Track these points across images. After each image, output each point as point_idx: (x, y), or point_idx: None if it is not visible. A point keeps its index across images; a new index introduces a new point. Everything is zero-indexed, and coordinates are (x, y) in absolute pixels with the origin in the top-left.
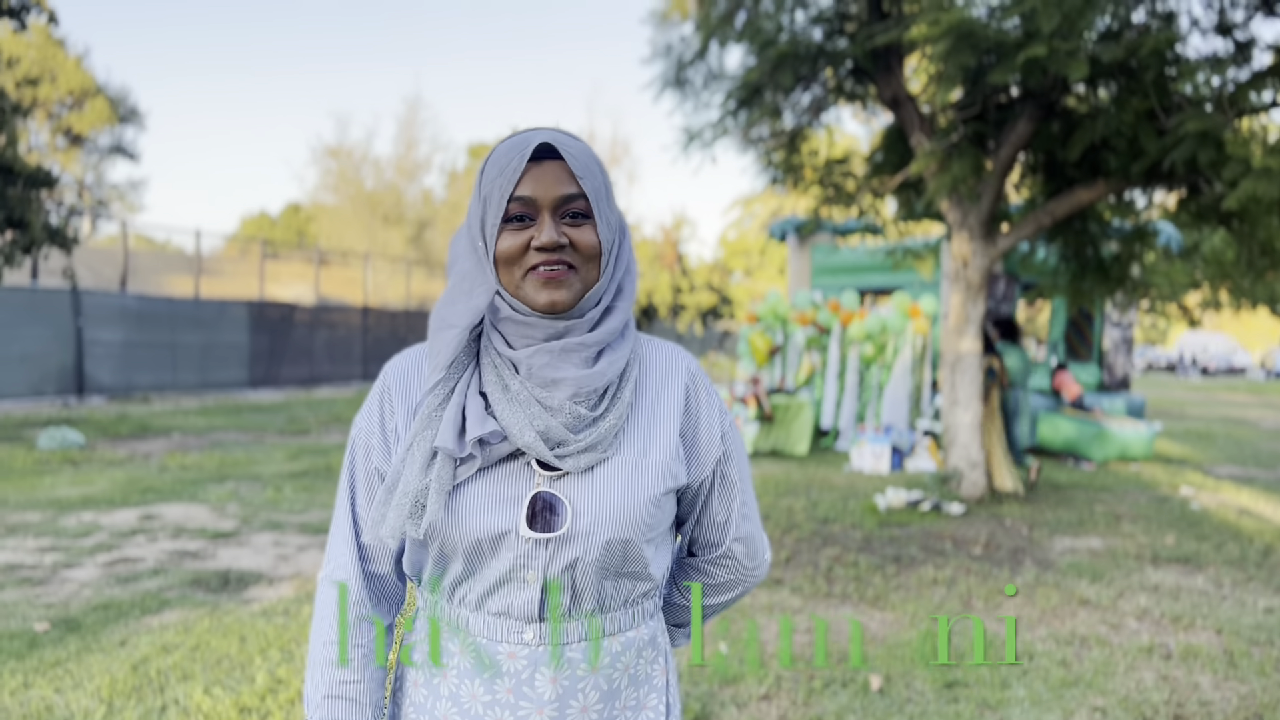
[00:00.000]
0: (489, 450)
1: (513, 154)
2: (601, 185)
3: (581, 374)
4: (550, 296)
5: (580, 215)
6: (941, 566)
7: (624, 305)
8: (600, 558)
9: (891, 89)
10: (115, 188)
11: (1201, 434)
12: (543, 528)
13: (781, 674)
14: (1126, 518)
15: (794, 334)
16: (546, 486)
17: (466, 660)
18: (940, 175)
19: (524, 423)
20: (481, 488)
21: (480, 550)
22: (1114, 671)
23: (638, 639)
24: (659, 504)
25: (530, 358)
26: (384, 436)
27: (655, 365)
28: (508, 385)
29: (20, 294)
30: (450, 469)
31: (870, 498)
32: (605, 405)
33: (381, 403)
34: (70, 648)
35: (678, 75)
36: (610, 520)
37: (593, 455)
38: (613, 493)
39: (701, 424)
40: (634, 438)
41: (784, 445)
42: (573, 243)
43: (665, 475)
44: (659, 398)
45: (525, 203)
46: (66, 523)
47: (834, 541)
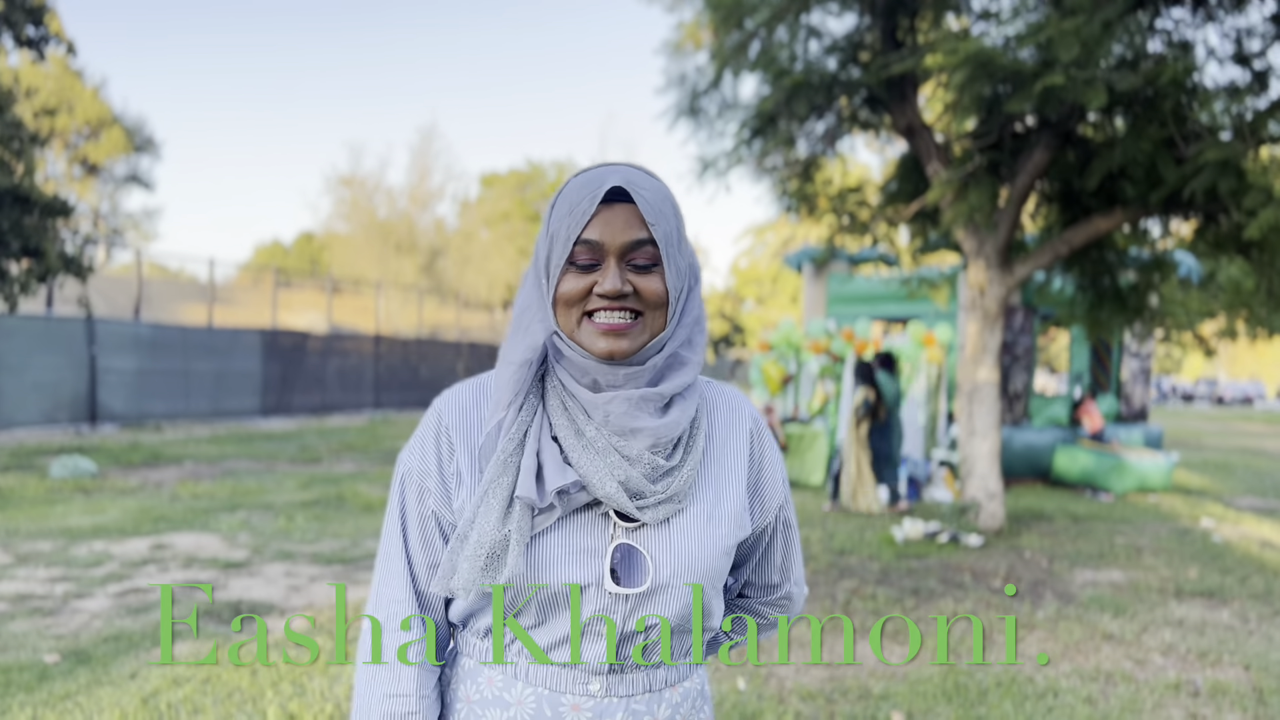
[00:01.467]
0: (567, 500)
1: (584, 194)
2: (674, 230)
3: (659, 423)
4: (609, 346)
5: (648, 263)
6: (961, 600)
7: (694, 358)
8: (679, 610)
9: (906, 118)
10: (130, 216)
11: (1220, 465)
12: (624, 581)
13: (801, 709)
14: (1148, 550)
15: (807, 362)
16: (624, 538)
17: (525, 712)
18: (957, 204)
19: (605, 473)
20: (560, 539)
21: (557, 603)
22: (1141, 709)
23: (693, 688)
24: (730, 553)
25: (608, 404)
26: (442, 479)
27: (721, 412)
28: (582, 430)
29: (35, 322)
30: (529, 518)
31: (887, 529)
32: (680, 455)
33: (439, 441)
34: (80, 680)
35: (692, 104)
36: (688, 572)
37: (671, 506)
38: (689, 544)
39: (765, 471)
40: (706, 488)
41: (799, 475)
42: (638, 291)
43: (737, 525)
44: (725, 446)
45: (591, 247)
46: (78, 552)
47: (852, 574)
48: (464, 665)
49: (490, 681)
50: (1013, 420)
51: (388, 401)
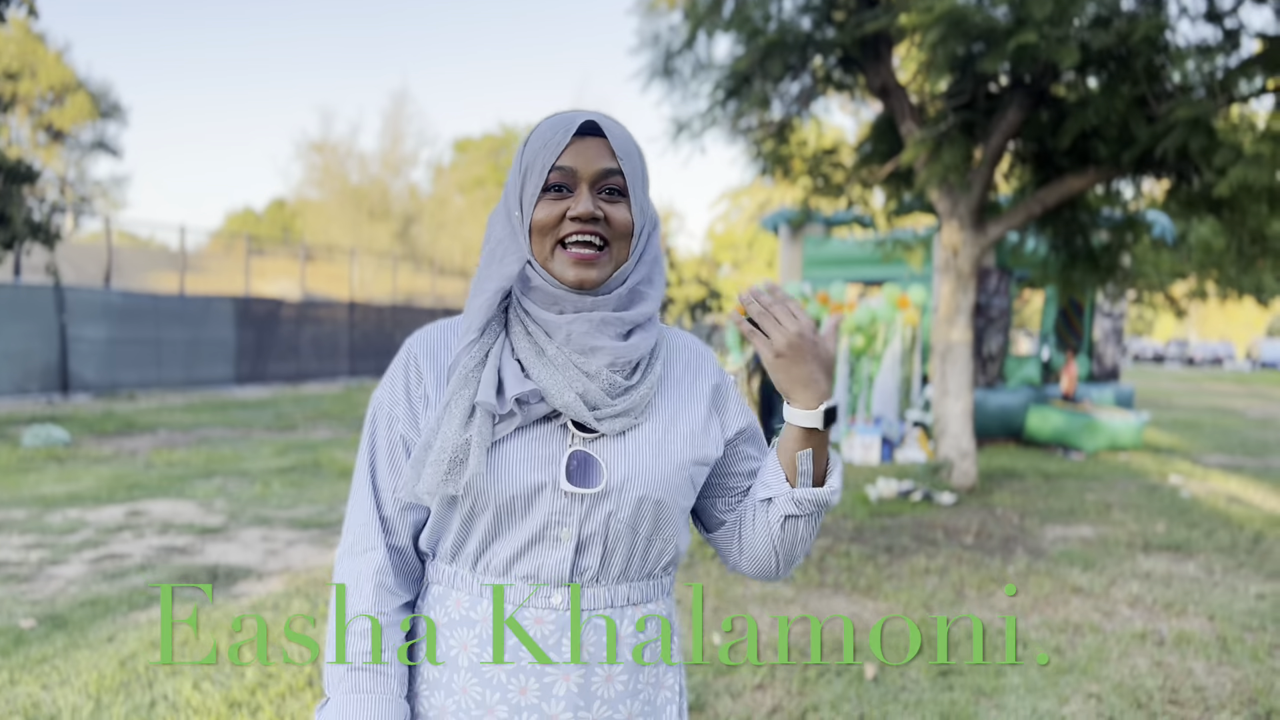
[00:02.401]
0: (527, 410)
1: (557, 128)
2: (639, 170)
3: (618, 344)
4: (579, 275)
5: (617, 192)
6: (933, 556)
7: (654, 294)
8: (632, 516)
9: (880, 78)
10: (98, 184)
11: (1189, 423)
12: (579, 484)
13: (776, 664)
14: (1117, 506)
15: None
16: (582, 446)
17: (489, 628)
18: (930, 164)
19: (563, 384)
20: (519, 446)
21: (514, 507)
22: (1108, 658)
23: (657, 611)
24: (688, 471)
25: (570, 324)
26: (410, 404)
27: (682, 351)
28: (543, 350)
29: (3, 291)
30: (490, 424)
31: (861, 488)
32: (639, 376)
33: (407, 371)
34: (57, 644)
35: (665, 65)
36: (643, 479)
37: (626, 420)
38: (644, 455)
39: (730, 404)
40: (664, 409)
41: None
42: (607, 218)
43: (694, 444)
44: (685, 379)
45: (565, 173)
46: (52, 520)
47: (826, 532)
48: (433, 593)
49: (458, 604)
50: (987, 382)
51: (363, 369)
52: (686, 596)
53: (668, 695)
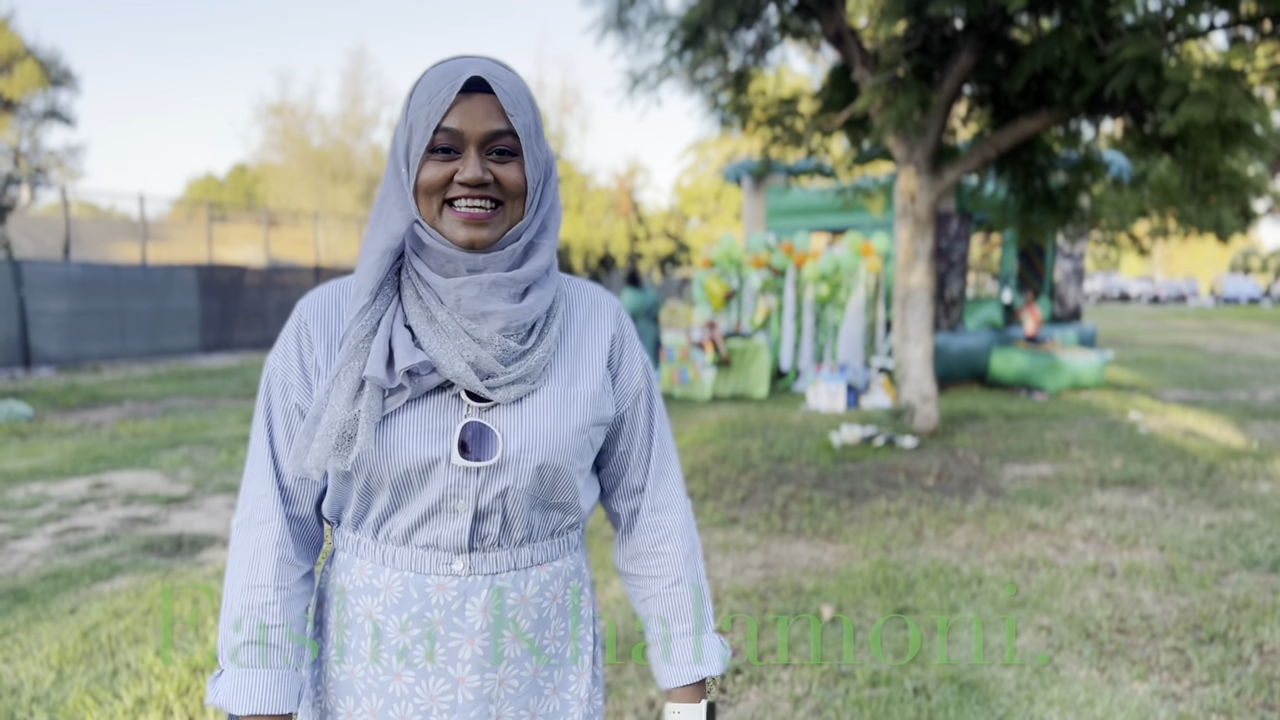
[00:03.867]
0: (418, 382)
1: (443, 83)
2: (532, 122)
3: (511, 308)
4: (470, 235)
5: (507, 152)
6: (894, 499)
7: (549, 244)
8: (531, 485)
9: (835, 25)
10: (53, 154)
11: (1151, 361)
12: (474, 456)
13: (736, 608)
14: (1076, 444)
15: (749, 277)
16: (476, 417)
17: (393, 596)
18: (885, 110)
19: (454, 353)
20: (411, 419)
21: (409, 481)
22: (1060, 591)
23: (564, 569)
24: (587, 434)
25: (459, 289)
26: (303, 372)
27: (580, 304)
28: (434, 316)
29: None
30: (379, 399)
31: (826, 435)
32: (534, 339)
33: (299, 338)
34: (19, 618)
35: (619, 16)
36: (540, 447)
37: (522, 387)
38: (542, 422)
39: (625, 359)
40: (561, 371)
41: (743, 388)
42: (498, 179)
43: (593, 405)
44: (584, 334)
45: (452, 135)
46: (14, 495)
47: (789, 479)
48: (339, 559)
49: (361, 571)
50: (949, 326)
51: None
52: None
53: (579, 647)
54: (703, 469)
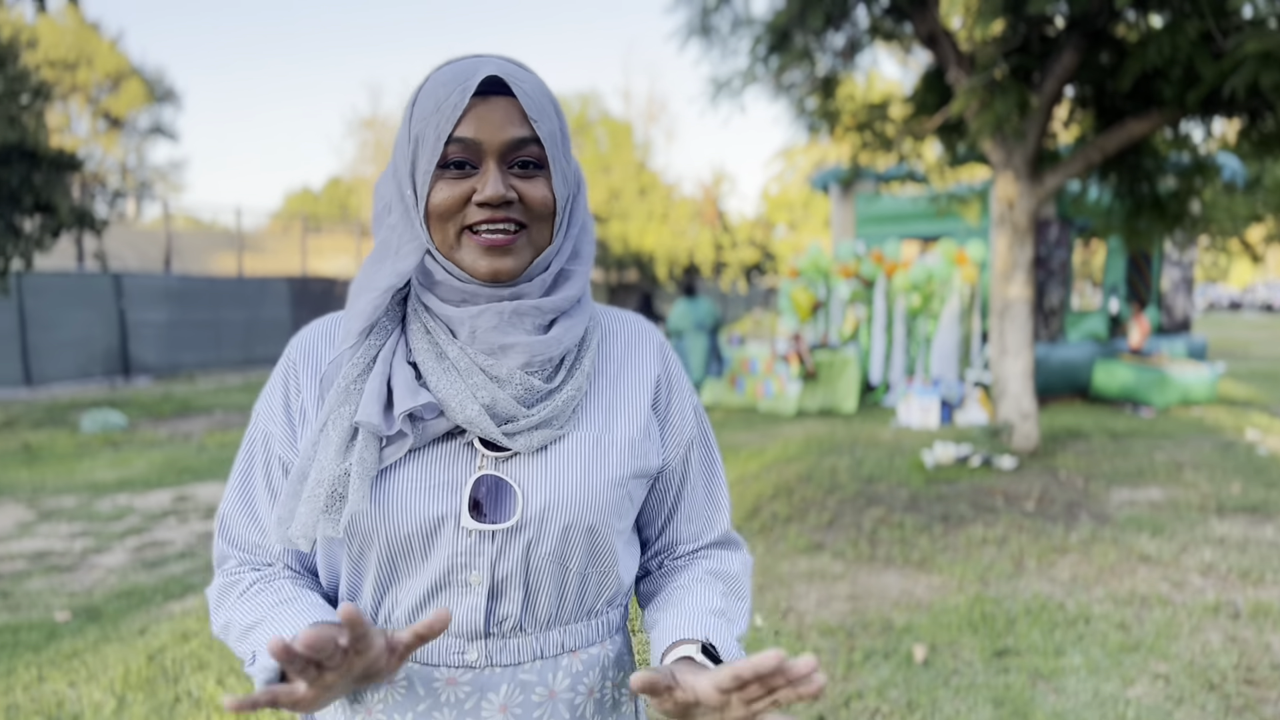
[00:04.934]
0: (422, 428)
1: (453, 87)
2: (558, 130)
3: (535, 340)
4: (493, 265)
5: (532, 164)
6: (992, 524)
7: (582, 270)
8: (558, 549)
9: (928, 25)
10: (157, 169)
11: (1268, 374)
12: (489, 517)
13: (820, 645)
14: (1189, 466)
15: (837, 287)
16: (492, 469)
17: (396, 691)
18: (982, 114)
19: (465, 394)
20: (413, 472)
21: (411, 548)
22: (1177, 634)
23: (602, 657)
24: (625, 488)
25: (475, 319)
26: (288, 419)
27: (618, 336)
28: (444, 352)
29: (67, 279)
30: (375, 450)
31: (917, 454)
32: (562, 376)
33: (286, 379)
34: (89, 638)
35: (703, 22)
36: (568, 504)
37: (547, 432)
38: (570, 474)
39: (674, 403)
40: (594, 414)
41: (831, 403)
42: (522, 198)
43: (633, 454)
44: (623, 371)
45: (466, 146)
46: (101, 506)
47: (879, 501)
48: None
49: None
50: (1049, 337)
51: None
52: None
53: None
54: (786, 489)
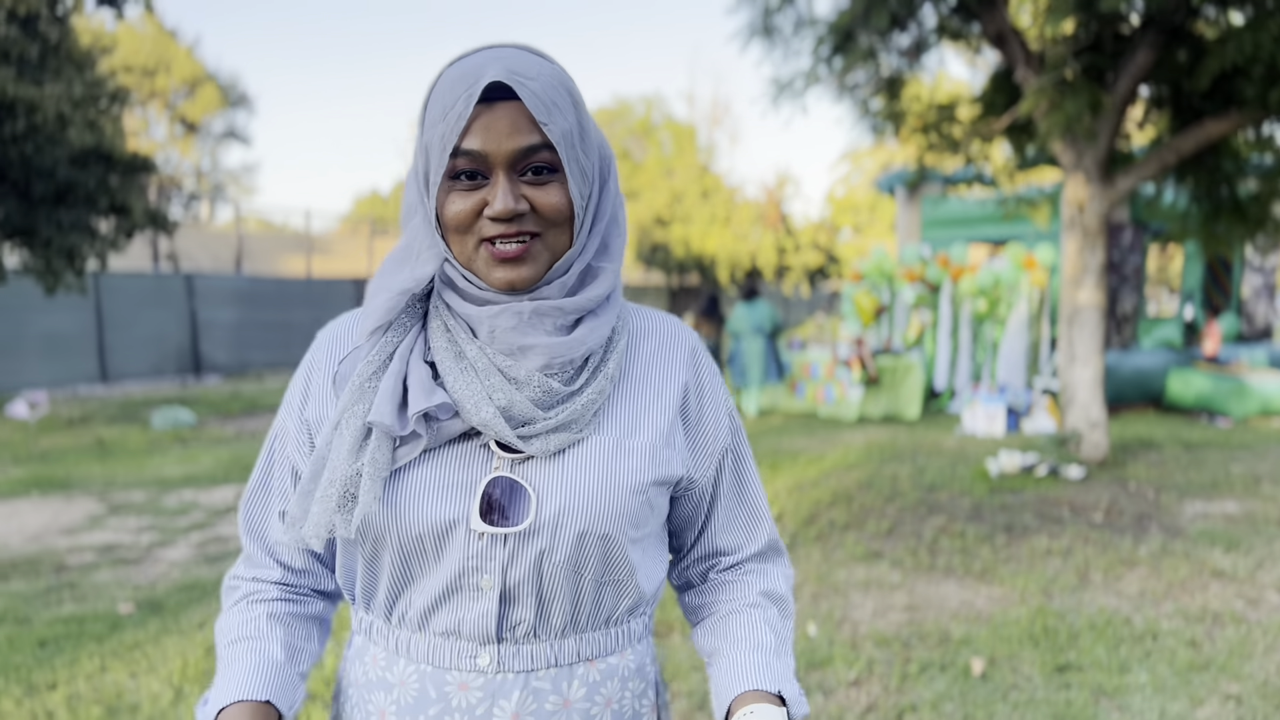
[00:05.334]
0: (436, 428)
1: (457, 93)
2: (573, 126)
3: (556, 341)
4: (507, 277)
5: (546, 169)
6: (1057, 535)
7: (611, 267)
8: (572, 556)
9: (996, 24)
10: (230, 172)
11: None
12: (500, 520)
13: (875, 656)
14: (1267, 478)
15: (901, 292)
16: (507, 471)
17: (408, 694)
18: (1052, 114)
19: (481, 396)
20: (426, 473)
21: (423, 550)
22: (1251, 653)
23: (622, 667)
24: (645, 495)
25: (494, 318)
26: (303, 421)
27: (648, 338)
28: (463, 351)
29: (142, 279)
30: (388, 450)
31: (981, 462)
32: (584, 379)
33: (307, 379)
34: (150, 630)
35: (765, 23)
36: (583, 510)
37: (565, 436)
38: (587, 479)
39: (707, 410)
40: (617, 418)
41: (894, 409)
42: (535, 206)
43: (654, 461)
44: (650, 374)
45: (473, 158)
46: (167, 501)
47: (940, 510)
48: (355, 644)
49: (375, 661)
50: (1121, 343)
51: None
52: None
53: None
54: (845, 496)
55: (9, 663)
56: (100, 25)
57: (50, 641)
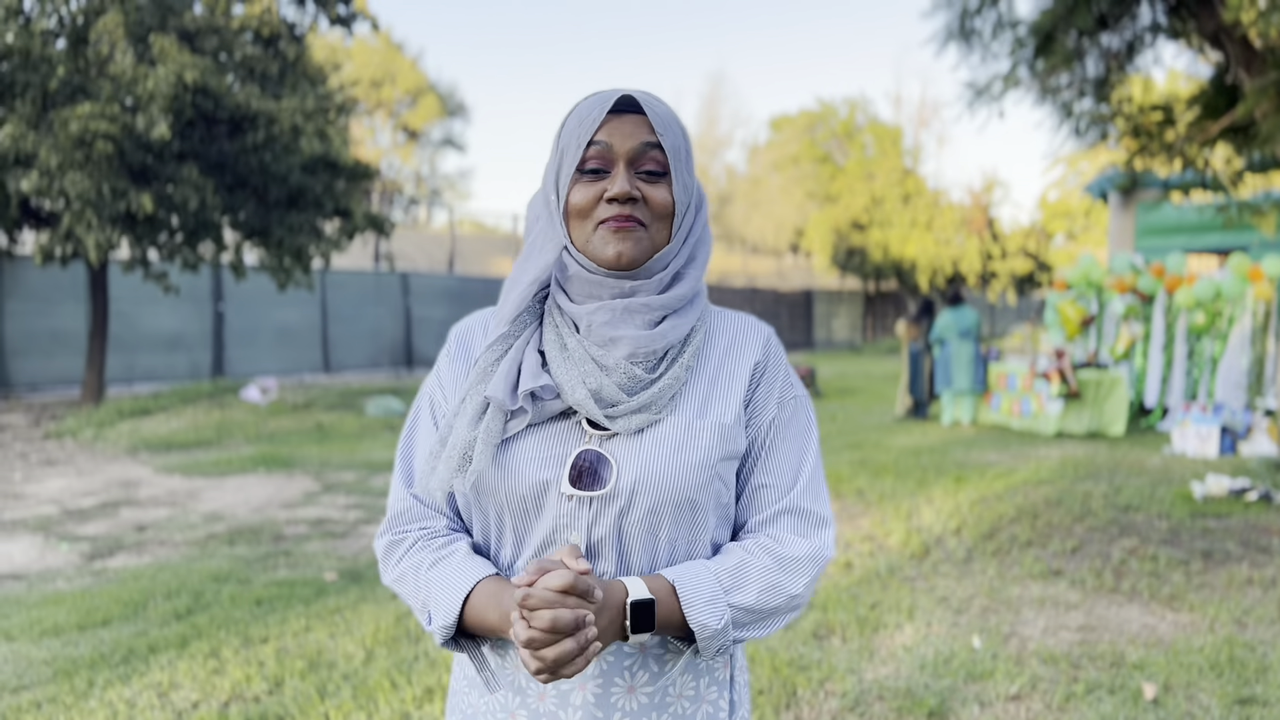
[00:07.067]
0: (540, 406)
1: (594, 106)
2: (681, 145)
3: (641, 334)
4: (617, 248)
5: (656, 172)
6: (1261, 565)
7: (694, 273)
8: (647, 519)
9: (1213, 23)
10: (446, 177)
11: None
12: (587, 486)
13: (1039, 673)
14: None
15: (1110, 302)
16: (595, 445)
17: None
18: (1275, 116)
19: (576, 380)
20: (530, 444)
21: (526, 508)
22: None
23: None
24: (713, 469)
25: (591, 315)
26: (444, 393)
27: (724, 333)
28: (565, 343)
29: (364, 278)
30: (500, 422)
31: (1186, 484)
32: (663, 368)
33: (452, 360)
34: (350, 597)
35: (963, 25)
36: (657, 481)
37: (645, 416)
38: (661, 454)
39: (763, 384)
40: (691, 401)
41: (1097, 425)
42: (645, 198)
43: (722, 439)
44: (724, 364)
45: (601, 149)
46: (374, 483)
47: (1133, 532)
48: None
49: None
50: None
51: None
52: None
53: (709, 712)
54: (1031, 512)
55: (230, 616)
56: (338, 41)
57: (265, 601)
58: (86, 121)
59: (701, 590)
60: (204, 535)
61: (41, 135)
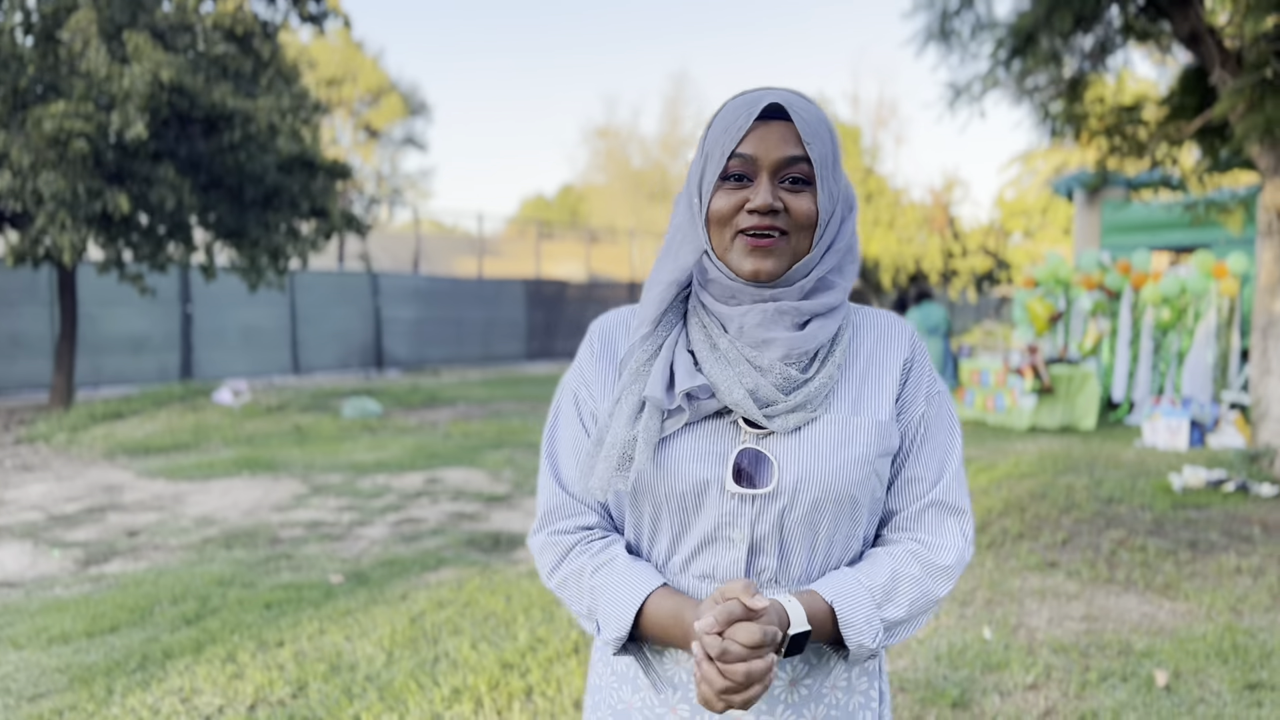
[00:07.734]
0: (696, 406)
1: (740, 111)
2: (829, 152)
3: (793, 335)
4: (755, 265)
5: (801, 181)
6: (1247, 554)
7: (843, 284)
8: (808, 515)
9: (1189, 23)
10: (408, 176)
11: None
12: (749, 484)
13: (1052, 662)
14: None
15: (1077, 299)
16: (754, 444)
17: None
18: (1249, 116)
19: (733, 380)
20: (688, 442)
21: (685, 506)
22: None
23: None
24: (871, 465)
25: (743, 316)
26: (589, 390)
27: (870, 330)
28: (716, 344)
29: (330, 278)
30: (658, 420)
31: (1164, 476)
32: (816, 367)
33: (595, 357)
34: (359, 599)
35: (942, 26)
36: (819, 478)
37: (801, 415)
38: (821, 451)
39: (910, 380)
40: (845, 399)
41: (1068, 420)
42: (788, 208)
43: (879, 435)
44: (873, 361)
45: (745, 160)
46: (362, 484)
47: (1119, 523)
48: None
49: None
50: None
51: None
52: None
53: (860, 701)
54: (1018, 505)
55: (241, 620)
56: (298, 39)
57: (274, 605)
58: (61, 120)
59: (859, 611)
60: (198, 539)
61: (12, 134)
